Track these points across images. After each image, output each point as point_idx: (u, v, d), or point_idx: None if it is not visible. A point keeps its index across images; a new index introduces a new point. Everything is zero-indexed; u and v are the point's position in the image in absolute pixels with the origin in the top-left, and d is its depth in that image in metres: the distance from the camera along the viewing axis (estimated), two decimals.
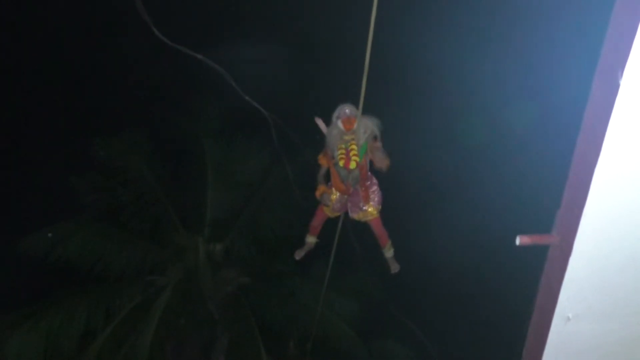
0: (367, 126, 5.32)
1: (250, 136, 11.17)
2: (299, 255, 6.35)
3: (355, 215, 5.80)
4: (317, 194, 5.73)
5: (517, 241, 2.48)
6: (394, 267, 6.06)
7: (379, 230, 5.89)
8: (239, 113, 9.38)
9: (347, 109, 5.30)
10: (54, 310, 9.45)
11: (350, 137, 5.32)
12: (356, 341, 11.04)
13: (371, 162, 5.60)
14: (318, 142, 5.65)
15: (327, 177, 5.75)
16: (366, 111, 4.90)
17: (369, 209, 5.71)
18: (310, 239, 6.24)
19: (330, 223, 6.20)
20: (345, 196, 5.72)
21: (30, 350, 9.00)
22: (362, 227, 6.04)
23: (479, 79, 12.75)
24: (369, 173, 5.66)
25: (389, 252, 6.00)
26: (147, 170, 10.97)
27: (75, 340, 9.40)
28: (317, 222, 6.11)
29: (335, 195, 5.76)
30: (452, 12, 12.73)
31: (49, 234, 9.85)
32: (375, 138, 5.47)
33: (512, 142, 13.11)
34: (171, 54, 5.18)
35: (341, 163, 5.35)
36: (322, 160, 5.62)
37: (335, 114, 5.39)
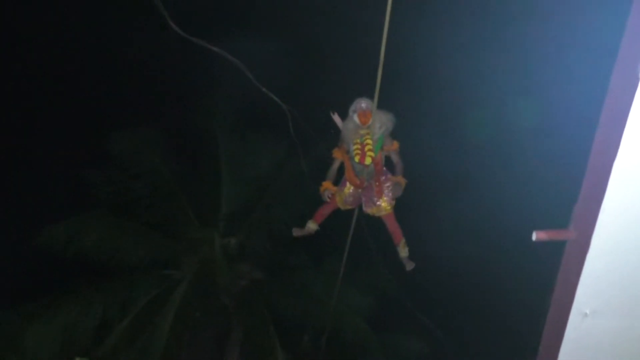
0: (382, 121, 5.32)
1: (265, 130, 11.19)
2: (296, 232, 6.24)
3: (369, 210, 5.77)
4: (321, 189, 5.72)
5: (534, 237, 2.46)
6: (409, 265, 5.92)
7: (392, 226, 5.83)
8: (254, 106, 9.40)
9: (363, 103, 5.29)
10: (71, 303, 9.58)
11: (366, 131, 5.32)
12: (370, 335, 11.04)
13: (386, 158, 5.59)
14: (333, 136, 5.66)
15: (341, 171, 5.74)
16: (381, 106, 4.90)
17: (383, 204, 5.67)
18: (312, 225, 6.10)
19: (345, 218, 6.18)
20: (359, 190, 5.71)
21: (48, 341, 9.15)
22: (376, 222, 6.01)
23: (496, 73, 12.64)
24: (384, 168, 5.65)
25: (403, 251, 5.83)
26: (162, 164, 11.03)
27: (91, 332, 9.53)
28: (325, 209, 6.03)
29: (349, 189, 5.75)
30: (469, 6, 12.62)
31: None
32: (393, 142, 5.47)
33: (529, 136, 12.99)
34: (187, 46, 5.20)
35: (357, 158, 5.34)
36: (337, 154, 5.61)
37: (352, 108, 5.39)
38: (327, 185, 5.68)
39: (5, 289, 10.33)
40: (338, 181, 5.84)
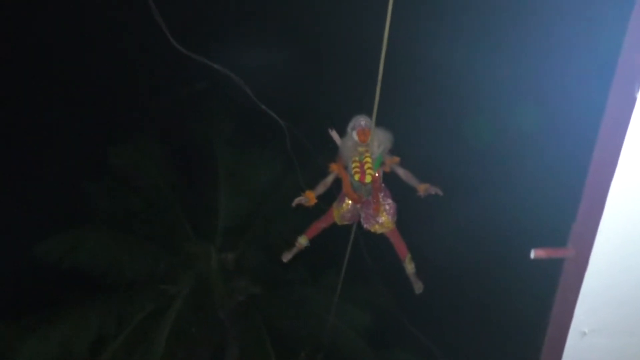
0: (380, 140, 5.28)
1: (263, 144, 11.21)
2: (286, 257, 6.12)
3: (371, 227, 5.70)
4: (304, 194, 5.53)
5: (532, 254, 2.45)
6: (418, 287, 5.78)
7: (397, 241, 5.74)
8: (252, 121, 9.43)
9: (362, 121, 5.24)
10: (67, 317, 9.52)
11: (365, 148, 5.28)
12: (367, 351, 10.98)
13: (387, 175, 5.56)
14: (331, 150, 5.64)
15: (337, 186, 5.70)
16: (380, 119, 4.87)
17: (385, 221, 5.61)
18: (302, 240, 6.00)
19: (343, 233, 6.15)
20: (358, 206, 5.67)
21: (43, 355, 9.06)
22: (374, 238, 5.98)
23: (495, 90, 12.70)
24: (382, 185, 5.62)
25: (409, 267, 5.73)
26: (160, 178, 11.04)
27: (87, 346, 9.45)
28: (320, 224, 5.96)
29: (347, 205, 5.72)
30: (468, 20, 12.71)
31: None
32: (393, 157, 5.43)
33: (527, 154, 13.02)
34: (187, 62, 5.22)
35: (357, 177, 5.28)
36: (334, 167, 5.54)
37: (350, 125, 5.34)
38: (308, 194, 5.52)
39: (1, 302, 10.26)
40: (329, 195, 5.80)
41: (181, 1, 11.09)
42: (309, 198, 5.50)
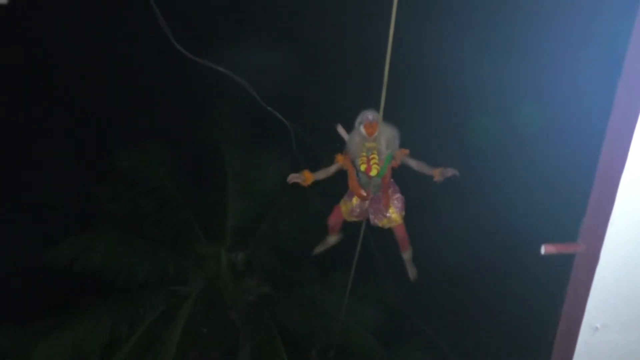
0: (387, 137, 5.29)
1: (270, 145, 11.23)
2: (318, 250, 6.31)
3: (379, 222, 5.75)
4: (302, 173, 5.55)
5: (542, 250, 2.44)
6: (412, 273, 6.01)
7: (402, 236, 5.84)
8: (258, 122, 9.44)
9: (369, 115, 5.26)
10: (79, 320, 9.56)
11: (373, 144, 5.29)
12: (378, 350, 10.96)
13: (393, 169, 5.58)
14: (337, 150, 5.65)
15: (343, 182, 5.72)
16: (387, 116, 4.88)
17: (393, 215, 5.66)
18: (331, 238, 6.19)
19: (352, 231, 6.17)
20: (366, 202, 5.69)
21: (55, 358, 9.11)
22: (384, 235, 5.99)
23: (503, 86, 12.65)
24: (392, 180, 5.64)
25: (407, 254, 5.98)
26: (169, 180, 11.08)
27: (99, 349, 9.50)
28: (332, 222, 6.05)
29: (356, 200, 5.74)
30: (474, 18, 12.67)
31: None
32: (402, 149, 5.45)
33: (536, 149, 12.96)
34: (193, 66, 5.23)
35: (363, 167, 5.31)
36: (339, 158, 5.56)
37: (358, 120, 5.36)
38: (306, 174, 5.54)
39: (13, 306, 10.34)
40: (335, 193, 5.82)
41: (185, 4, 11.12)
42: (306, 178, 5.51)
